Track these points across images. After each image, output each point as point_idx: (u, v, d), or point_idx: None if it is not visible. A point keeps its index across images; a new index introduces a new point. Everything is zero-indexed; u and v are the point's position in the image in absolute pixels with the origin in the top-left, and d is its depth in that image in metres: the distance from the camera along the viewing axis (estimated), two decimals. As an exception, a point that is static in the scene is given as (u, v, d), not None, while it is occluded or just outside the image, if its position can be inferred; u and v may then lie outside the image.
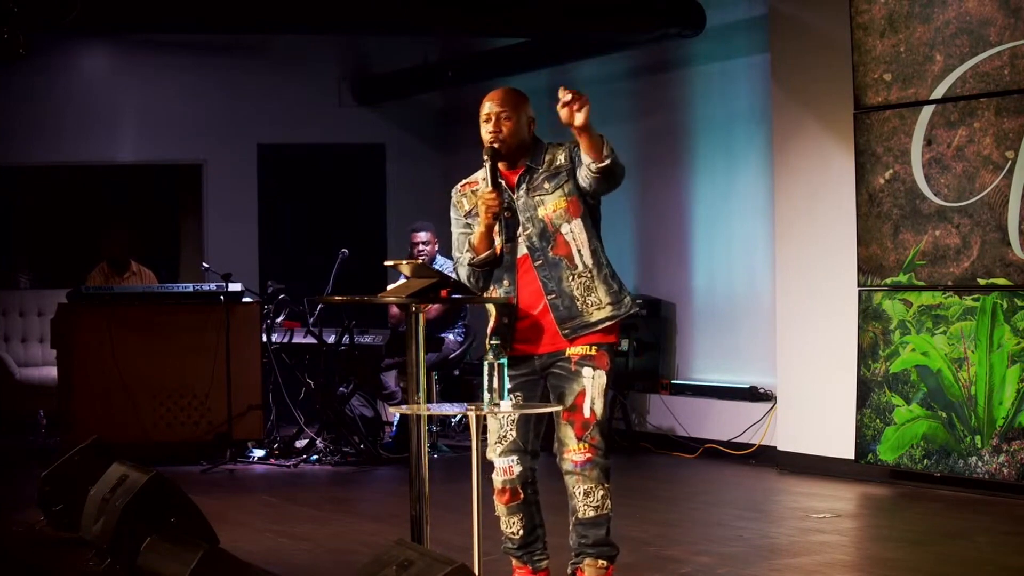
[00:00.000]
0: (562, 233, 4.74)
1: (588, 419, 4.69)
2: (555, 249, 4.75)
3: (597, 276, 4.76)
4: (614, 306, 4.76)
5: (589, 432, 4.69)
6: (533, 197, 4.76)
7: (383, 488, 8.30)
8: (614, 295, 4.77)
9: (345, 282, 9.25)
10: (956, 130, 7.33)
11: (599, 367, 4.72)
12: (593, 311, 4.73)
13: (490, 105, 4.79)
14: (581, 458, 4.69)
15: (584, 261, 4.74)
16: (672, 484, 8.32)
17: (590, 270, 4.75)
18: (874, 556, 6.02)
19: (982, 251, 7.21)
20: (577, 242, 4.75)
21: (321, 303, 9.15)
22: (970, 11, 7.24)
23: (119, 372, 8.87)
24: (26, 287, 11.78)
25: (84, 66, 11.27)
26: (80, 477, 6.07)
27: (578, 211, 4.75)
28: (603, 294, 4.75)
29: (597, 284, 4.75)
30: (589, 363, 4.71)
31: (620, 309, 4.77)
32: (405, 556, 3.85)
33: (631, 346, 9.68)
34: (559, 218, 4.74)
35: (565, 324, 4.73)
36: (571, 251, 4.74)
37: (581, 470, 4.70)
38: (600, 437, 4.70)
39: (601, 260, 4.78)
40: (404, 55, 11.44)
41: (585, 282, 4.74)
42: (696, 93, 9.81)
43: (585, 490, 4.71)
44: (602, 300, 4.74)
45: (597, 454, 4.70)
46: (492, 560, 4.98)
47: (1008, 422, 7.05)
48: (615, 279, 4.80)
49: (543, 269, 4.74)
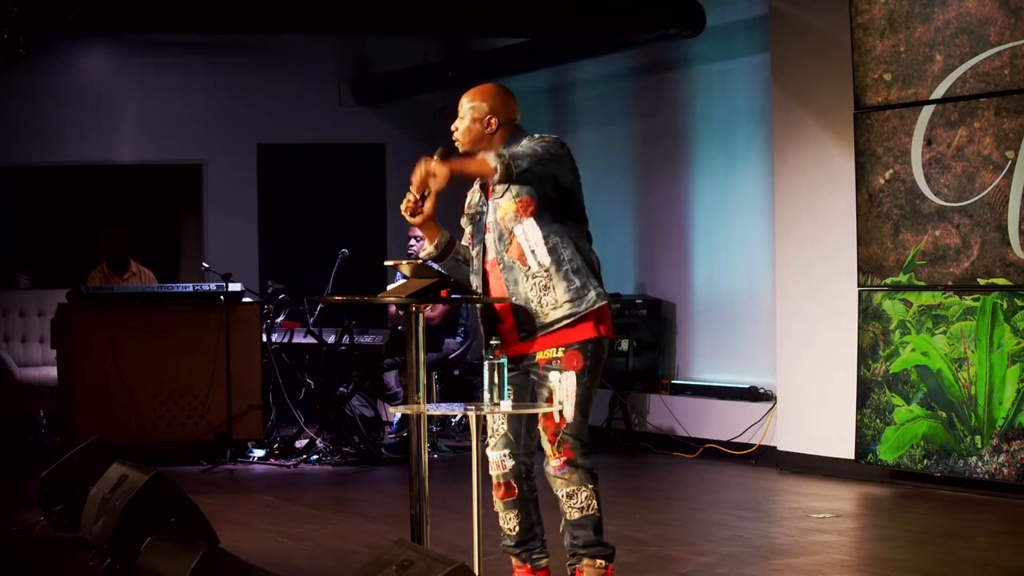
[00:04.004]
0: (515, 235, 4.70)
1: (559, 423, 4.67)
2: (509, 252, 4.71)
3: (556, 274, 4.66)
4: (573, 303, 4.65)
5: (561, 436, 4.67)
6: (492, 200, 4.75)
7: (383, 488, 8.30)
8: (574, 292, 4.66)
9: (345, 282, 9.25)
10: (956, 130, 7.33)
11: (567, 368, 4.66)
12: (549, 311, 4.67)
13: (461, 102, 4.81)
14: (557, 462, 4.69)
15: (539, 260, 4.67)
16: (672, 484, 8.32)
17: (546, 269, 4.66)
18: (874, 556, 6.02)
19: (982, 251, 7.21)
20: (530, 242, 4.67)
21: (321, 303, 9.15)
22: (970, 11, 7.24)
23: (119, 372, 8.87)
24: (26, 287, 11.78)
25: (84, 66, 11.27)
26: (80, 477, 6.07)
27: (528, 211, 4.66)
28: (561, 292, 4.66)
29: (555, 283, 4.66)
30: (555, 367, 4.67)
31: (580, 306, 4.65)
32: (405, 556, 3.85)
33: (631, 346, 9.68)
34: (511, 220, 4.70)
35: (522, 328, 4.70)
36: (524, 252, 4.68)
37: (560, 473, 4.69)
38: (575, 439, 4.67)
39: (562, 256, 4.67)
40: (404, 55, 11.45)
41: (541, 282, 4.67)
42: (696, 93, 9.81)
43: (567, 492, 4.70)
44: (559, 299, 4.66)
45: (573, 456, 4.68)
46: (492, 560, 4.98)
47: (1008, 422, 7.05)
48: (579, 274, 4.67)
49: (504, 272, 4.73)
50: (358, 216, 12.04)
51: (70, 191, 12.01)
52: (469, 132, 4.77)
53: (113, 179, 11.93)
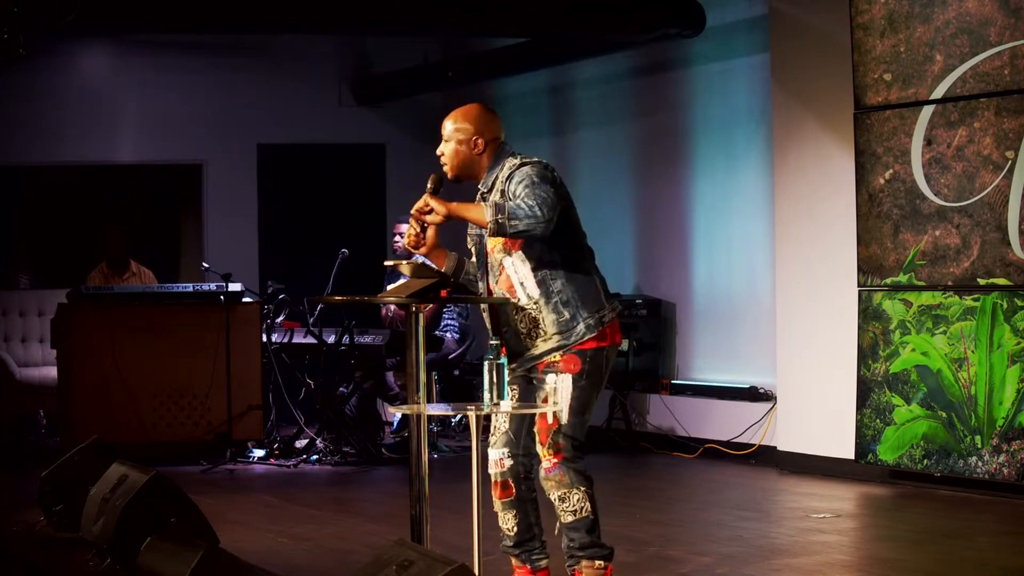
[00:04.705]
0: (504, 266, 4.70)
1: (551, 425, 4.67)
2: (499, 283, 4.72)
3: (545, 306, 4.65)
4: (562, 335, 4.64)
5: (552, 438, 4.67)
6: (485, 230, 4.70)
7: (383, 488, 8.30)
8: (563, 324, 4.64)
9: (345, 282, 9.25)
10: (956, 130, 7.33)
11: (564, 371, 4.67)
12: (538, 343, 4.68)
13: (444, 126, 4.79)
14: (548, 464, 4.69)
15: (528, 293, 4.66)
16: (672, 484, 8.32)
17: (535, 301, 4.66)
18: (874, 556, 6.02)
19: (982, 251, 7.21)
20: (519, 275, 4.67)
21: (321, 303, 9.15)
22: (970, 11, 7.24)
23: (119, 372, 8.87)
24: (26, 287, 11.77)
25: (84, 66, 11.26)
26: (80, 477, 6.07)
27: (517, 244, 4.64)
28: (549, 324, 4.65)
29: (544, 315, 4.65)
30: (553, 369, 4.68)
31: (569, 339, 4.64)
32: (405, 556, 3.85)
33: (631, 346, 9.68)
34: (499, 251, 4.71)
35: (513, 359, 4.71)
36: (512, 284, 4.69)
37: (551, 476, 4.70)
38: (566, 441, 4.67)
39: (551, 288, 4.65)
40: (404, 55, 11.44)
41: (530, 315, 4.67)
42: (696, 93, 9.81)
43: (560, 495, 4.70)
44: (547, 331, 4.66)
45: (564, 458, 4.68)
46: (492, 560, 4.98)
47: (1008, 422, 7.05)
48: (568, 306, 4.64)
49: None
50: (358, 216, 12.04)
51: (70, 191, 12.01)
52: (457, 155, 4.75)
53: (113, 179, 11.92)
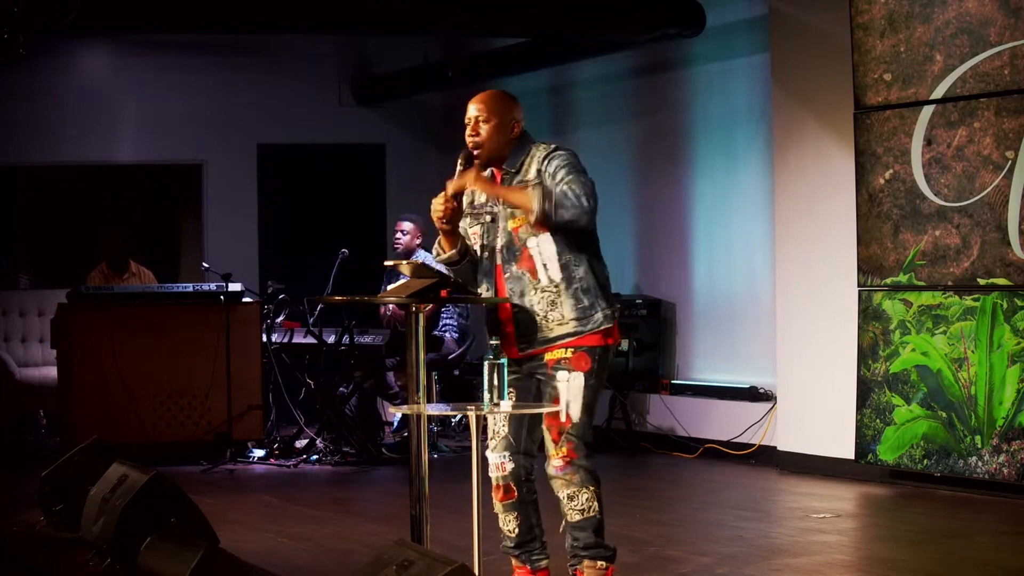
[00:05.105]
0: (528, 247, 4.68)
1: (563, 424, 4.67)
2: (520, 263, 4.70)
3: (565, 291, 4.65)
4: (579, 322, 4.66)
5: (565, 436, 4.67)
6: (506, 207, 4.71)
7: (383, 488, 8.30)
8: (581, 311, 4.66)
9: (345, 282, 9.25)
10: (956, 130, 7.33)
11: (575, 369, 4.66)
12: (554, 327, 4.67)
13: (471, 108, 4.78)
14: (560, 463, 4.69)
15: (550, 275, 4.66)
16: (672, 484, 8.32)
17: (556, 285, 4.66)
18: (874, 556, 6.02)
19: (982, 251, 7.21)
20: (543, 256, 4.67)
21: (321, 303, 9.15)
22: (970, 11, 7.24)
23: (119, 372, 8.87)
24: (26, 287, 11.78)
25: (84, 66, 11.26)
26: (80, 477, 6.07)
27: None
28: (568, 310, 4.66)
29: (563, 299, 4.66)
30: (564, 366, 4.67)
31: (586, 325, 4.66)
32: (405, 556, 3.85)
33: (631, 346, 9.68)
34: (525, 232, 4.68)
35: (522, 339, 4.70)
36: (535, 266, 4.67)
37: (561, 474, 4.69)
38: (579, 440, 4.67)
39: (573, 274, 4.67)
40: (404, 55, 11.44)
41: (550, 297, 4.66)
42: (696, 93, 9.81)
43: (568, 494, 4.70)
44: (565, 316, 4.66)
45: (576, 457, 4.68)
46: (492, 560, 4.98)
47: (1008, 422, 7.05)
48: (588, 294, 4.67)
49: (509, 281, 4.72)
50: (358, 216, 12.04)
51: (70, 191, 12.01)
52: (496, 135, 4.73)
53: (113, 179, 11.92)
